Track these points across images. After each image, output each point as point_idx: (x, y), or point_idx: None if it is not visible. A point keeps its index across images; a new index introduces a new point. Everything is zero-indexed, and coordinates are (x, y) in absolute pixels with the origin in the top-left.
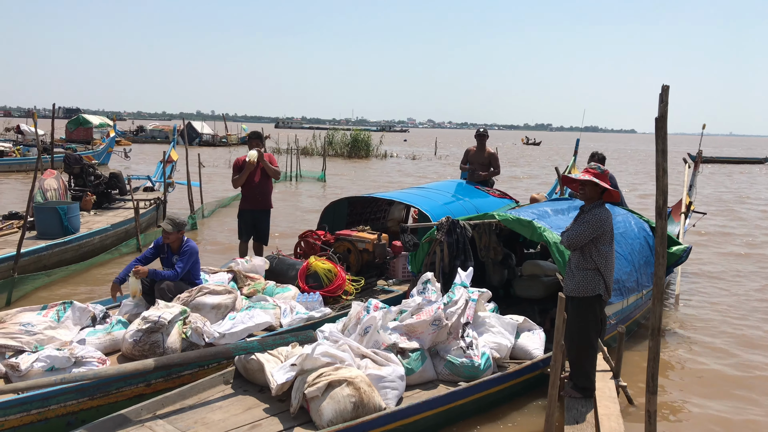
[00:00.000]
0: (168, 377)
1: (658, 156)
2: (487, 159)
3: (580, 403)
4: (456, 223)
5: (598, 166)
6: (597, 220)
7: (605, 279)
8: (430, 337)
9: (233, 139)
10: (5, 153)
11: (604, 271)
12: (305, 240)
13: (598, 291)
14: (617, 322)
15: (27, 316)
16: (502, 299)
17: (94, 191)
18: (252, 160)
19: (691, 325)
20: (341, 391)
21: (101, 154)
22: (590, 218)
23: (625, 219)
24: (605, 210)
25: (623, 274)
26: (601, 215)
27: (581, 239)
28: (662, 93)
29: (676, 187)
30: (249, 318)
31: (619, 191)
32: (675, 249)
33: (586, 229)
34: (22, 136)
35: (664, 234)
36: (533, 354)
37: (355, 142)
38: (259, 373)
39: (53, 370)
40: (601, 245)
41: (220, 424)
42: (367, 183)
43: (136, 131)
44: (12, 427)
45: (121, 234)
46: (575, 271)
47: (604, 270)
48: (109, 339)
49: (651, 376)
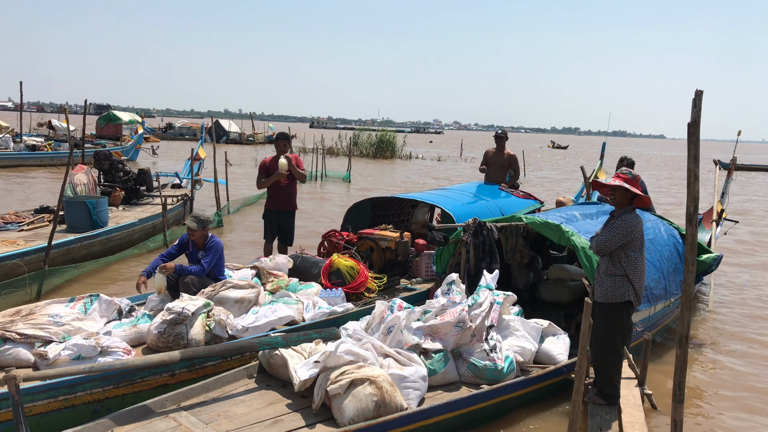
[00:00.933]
0: (191, 368)
1: (690, 162)
2: (506, 160)
3: (603, 409)
4: (482, 224)
5: (629, 171)
6: (627, 225)
7: (634, 285)
8: (453, 339)
9: (260, 138)
10: (37, 147)
11: (633, 278)
12: (329, 239)
13: (628, 297)
14: (644, 329)
15: (55, 307)
16: (526, 303)
17: (123, 187)
18: (283, 170)
19: (720, 335)
20: (363, 389)
21: (129, 150)
22: (620, 224)
23: (655, 225)
24: (635, 216)
25: (651, 281)
26: (632, 221)
27: (611, 245)
28: (695, 98)
29: (704, 194)
30: (272, 312)
31: (649, 197)
32: (705, 257)
33: (615, 234)
34: (53, 131)
35: (694, 241)
36: (557, 359)
37: (381, 143)
38: (283, 368)
39: (80, 358)
40: (630, 251)
41: (242, 417)
42: (392, 184)
43: (164, 128)
44: (40, 412)
45: (148, 229)
46: (604, 276)
47: (632, 276)
48: (134, 332)
49: (678, 385)
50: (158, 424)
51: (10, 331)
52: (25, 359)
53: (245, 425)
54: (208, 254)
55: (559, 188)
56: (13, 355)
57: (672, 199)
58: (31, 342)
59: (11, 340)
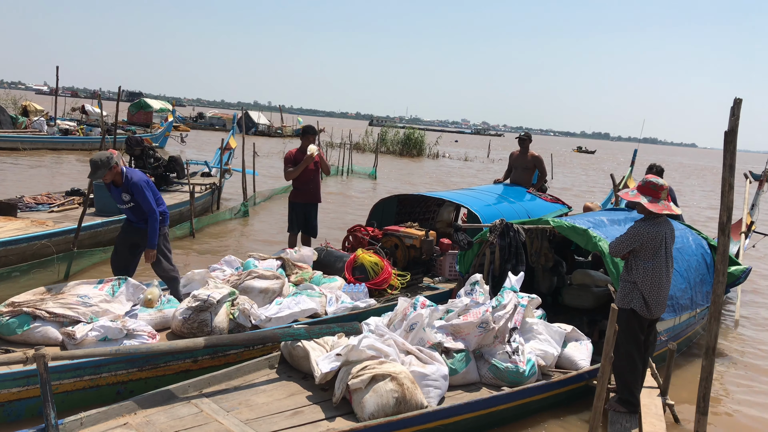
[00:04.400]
0: (214, 355)
1: (725, 171)
2: (531, 162)
3: (624, 417)
4: (509, 226)
5: (654, 180)
6: (636, 233)
7: (644, 294)
8: (475, 339)
9: (288, 131)
10: (70, 131)
11: (642, 286)
12: (354, 234)
13: (631, 305)
14: (668, 339)
15: (84, 288)
16: (549, 307)
17: (153, 173)
18: (313, 153)
19: (746, 348)
20: (384, 385)
21: (158, 137)
22: (631, 230)
23: (683, 234)
24: (649, 225)
25: (677, 291)
26: (641, 229)
27: (618, 249)
28: (734, 106)
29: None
30: (295, 304)
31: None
32: (733, 269)
33: (624, 239)
34: (86, 116)
35: (726, 251)
36: (579, 365)
37: (408, 140)
38: (304, 360)
39: (106, 340)
40: (640, 260)
41: (263, 407)
42: (418, 182)
43: (195, 118)
44: (65, 390)
45: (175, 216)
46: (620, 281)
47: (642, 284)
48: (159, 316)
49: (702, 396)
50: (180, 409)
51: (41, 309)
52: (53, 338)
53: (266, 415)
54: (138, 194)
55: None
56: (42, 333)
57: (700, 208)
58: (60, 321)
59: (41, 318)
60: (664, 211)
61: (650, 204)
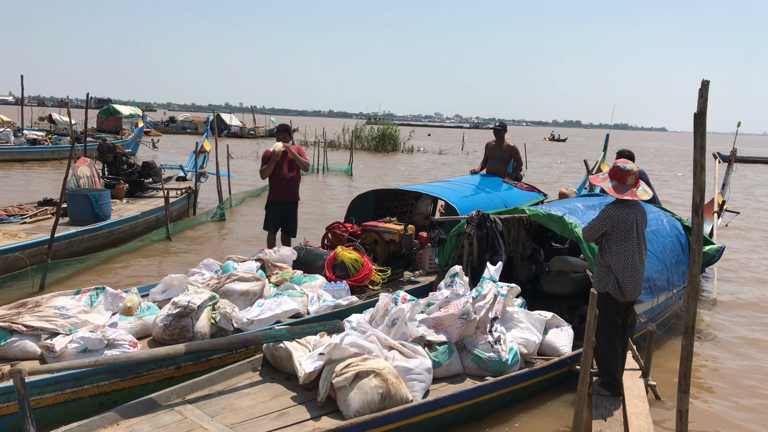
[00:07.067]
0: (197, 361)
1: (696, 152)
2: (506, 152)
3: (608, 400)
4: (486, 216)
5: (621, 166)
6: (606, 216)
7: (617, 277)
8: (457, 331)
9: (261, 131)
10: (38, 141)
11: (616, 269)
12: (332, 231)
13: (606, 289)
14: (647, 320)
15: (61, 300)
16: (529, 294)
17: (127, 180)
18: (277, 149)
19: (723, 326)
20: (369, 381)
21: (129, 143)
22: (602, 213)
23: (657, 217)
24: (619, 207)
25: (654, 273)
26: (612, 212)
27: (590, 233)
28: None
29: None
30: (277, 305)
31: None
32: (708, 248)
33: (596, 223)
34: (54, 125)
35: (700, 231)
36: (561, 351)
37: (382, 137)
38: (287, 361)
39: (86, 351)
40: (612, 242)
41: (248, 410)
42: (394, 177)
43: (167, 122)
44: (47, 405)
45: (151, 222)
46: (595, 266)
47: (615, 268)
48: (140, 324)
49: (683, 375)
50: (163, 417)
51: (17, 323)
52: (31, 351)
53: (250, 418)
54: None
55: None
56: (20, 348)
57: (670, 190)
58: (38, 334)
59: (18, 332)
60: (625, 197)
61: (614, 189)
